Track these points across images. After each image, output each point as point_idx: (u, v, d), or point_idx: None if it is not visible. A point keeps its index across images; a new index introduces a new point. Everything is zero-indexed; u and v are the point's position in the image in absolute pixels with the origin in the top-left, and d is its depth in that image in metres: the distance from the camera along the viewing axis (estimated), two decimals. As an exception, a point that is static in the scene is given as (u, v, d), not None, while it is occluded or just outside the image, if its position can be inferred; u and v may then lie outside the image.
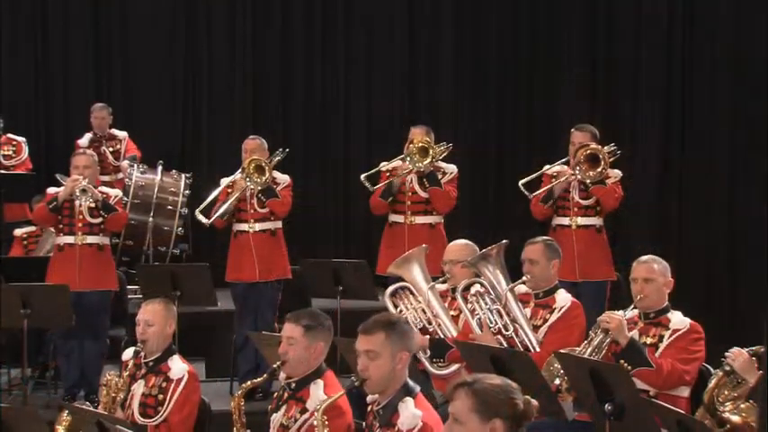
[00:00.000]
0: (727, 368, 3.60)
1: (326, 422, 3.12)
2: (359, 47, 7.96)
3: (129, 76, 7.91)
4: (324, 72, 7.95)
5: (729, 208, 7.11)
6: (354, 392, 3.35)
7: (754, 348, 3.63)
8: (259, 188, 5.47)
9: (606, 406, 3.33)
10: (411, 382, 3.10)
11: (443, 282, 4.58)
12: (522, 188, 5.47)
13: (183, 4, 7.91)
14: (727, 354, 3.65)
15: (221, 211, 5.50)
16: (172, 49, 7.94)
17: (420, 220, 5.68)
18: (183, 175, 6.95)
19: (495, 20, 7.84)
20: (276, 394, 3.62)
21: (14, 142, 7.10)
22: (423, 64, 7.94)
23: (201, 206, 5.63)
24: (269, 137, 6.14)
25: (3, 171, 6.78)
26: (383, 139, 7.66)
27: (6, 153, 7.04)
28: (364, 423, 3.20)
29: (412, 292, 4.57)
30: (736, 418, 3.54)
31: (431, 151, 5.57)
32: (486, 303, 4.23)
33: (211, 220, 5.52)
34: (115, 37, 7.90)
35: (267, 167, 5.47)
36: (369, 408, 3.18)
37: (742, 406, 3.56)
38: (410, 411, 2.99)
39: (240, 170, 5.54)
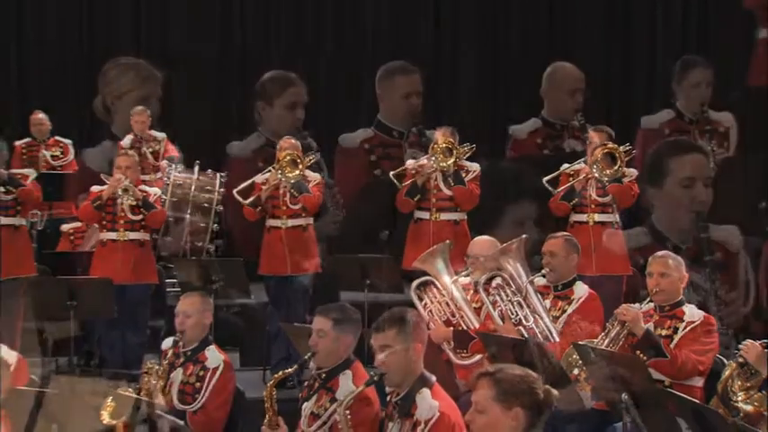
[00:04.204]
0: (741, 360, 3.68)
1: (349, 417, 3.21)
2: (384, 50, 8.13)
3: (169, 82, 8.14)
4: (350, 77, 8.13)
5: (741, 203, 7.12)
6: (379, 384, 3.47)
7: (766, 341, 3.72)
8: (291, 181, 5.64)
9: (623, 395, 3.41)
10: (426, 373, 3.20)
11: (466, 275, 4.68)
12: (546, 184, 5.59)
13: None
14: (740, 346, 3.74)
15: (253, 199, 5.68)
16: (206, 53, 8.19)
17: (445, 216, 5.80)
18: (218, 174, 7.16)
19: (515, 22, 7.95)
20: (307, 383, 3.73)
21: (62, 144, 7.50)
22: (445, 65, 8.07)
23: (240, 187, 5.81)
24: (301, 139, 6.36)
25: (51, 171, 7.15)
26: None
27: (54, 154, 7.43)
28: (384, 413, 3.31)
29: (436, 286, 4.68)
30: (748, 408, 3.63)
31: (454, 151, 5.72)
32: (507, 295, 4.34)
33: (249, 201, 5.69)
34: (155, 41, 8.18)
35: (301, 163, 5.64)
36: (388, 398, 3.30)
37: (755, 396, 3.64)
38: (428, 402, 3.09)
39: (275, 163, 5.72)
